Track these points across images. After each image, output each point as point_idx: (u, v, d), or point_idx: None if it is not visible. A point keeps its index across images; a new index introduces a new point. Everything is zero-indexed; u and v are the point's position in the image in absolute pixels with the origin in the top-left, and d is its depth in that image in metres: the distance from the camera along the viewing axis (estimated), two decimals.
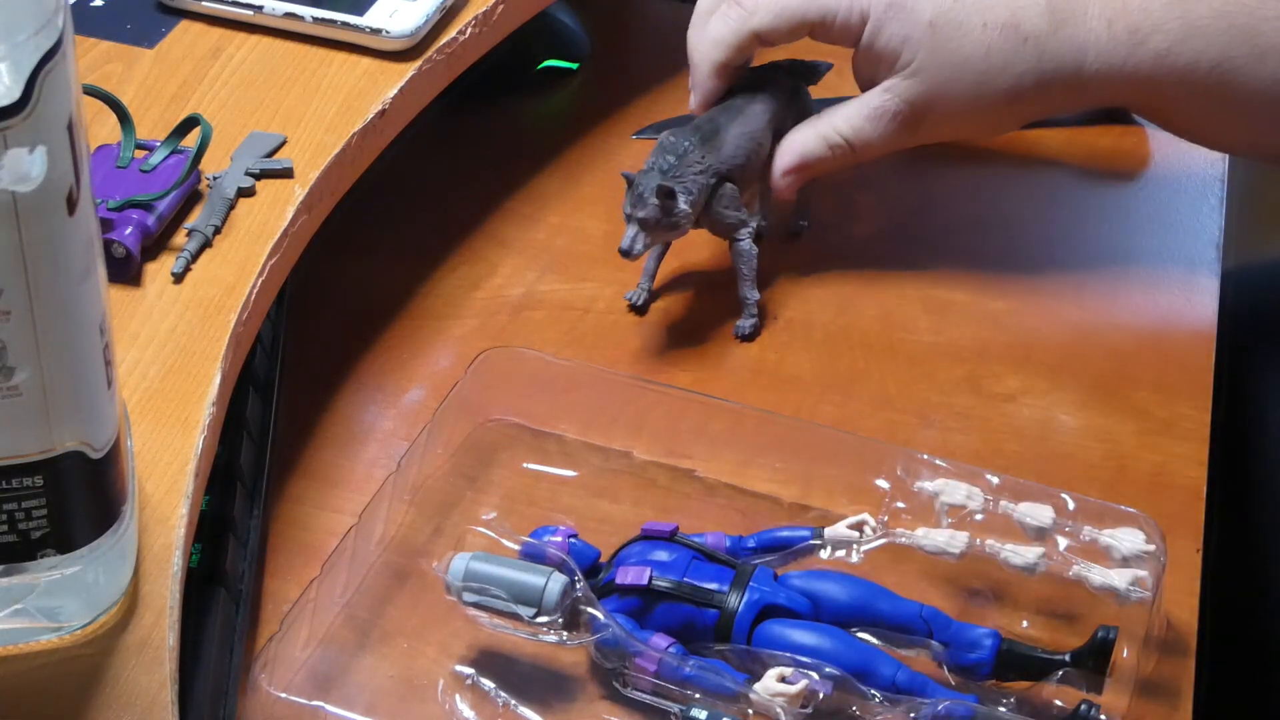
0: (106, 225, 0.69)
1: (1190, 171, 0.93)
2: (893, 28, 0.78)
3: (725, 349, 0.80)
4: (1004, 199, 0.91)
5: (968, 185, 0.92)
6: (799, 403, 0.77)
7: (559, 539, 0.65)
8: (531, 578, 0.61)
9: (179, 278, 0.70)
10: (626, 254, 0.76)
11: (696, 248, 0.81)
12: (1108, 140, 0.95)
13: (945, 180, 0.92)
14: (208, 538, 0.65)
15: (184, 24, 0.84)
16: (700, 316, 0.82)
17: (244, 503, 0.68)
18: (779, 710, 0.59)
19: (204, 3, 0.83)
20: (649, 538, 0.66)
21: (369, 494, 0.69)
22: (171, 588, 0.58)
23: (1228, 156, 0.94)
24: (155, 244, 0.71)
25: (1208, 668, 0.67)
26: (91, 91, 0.73)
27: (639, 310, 0.82)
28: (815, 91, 0.86)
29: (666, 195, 0.76)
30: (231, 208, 0.73)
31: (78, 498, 0.53)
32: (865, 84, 0.81)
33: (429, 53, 0.82)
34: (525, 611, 0.61)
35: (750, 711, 0.60)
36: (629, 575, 0.63)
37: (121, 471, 0.55)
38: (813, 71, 0.86)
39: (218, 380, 0.65)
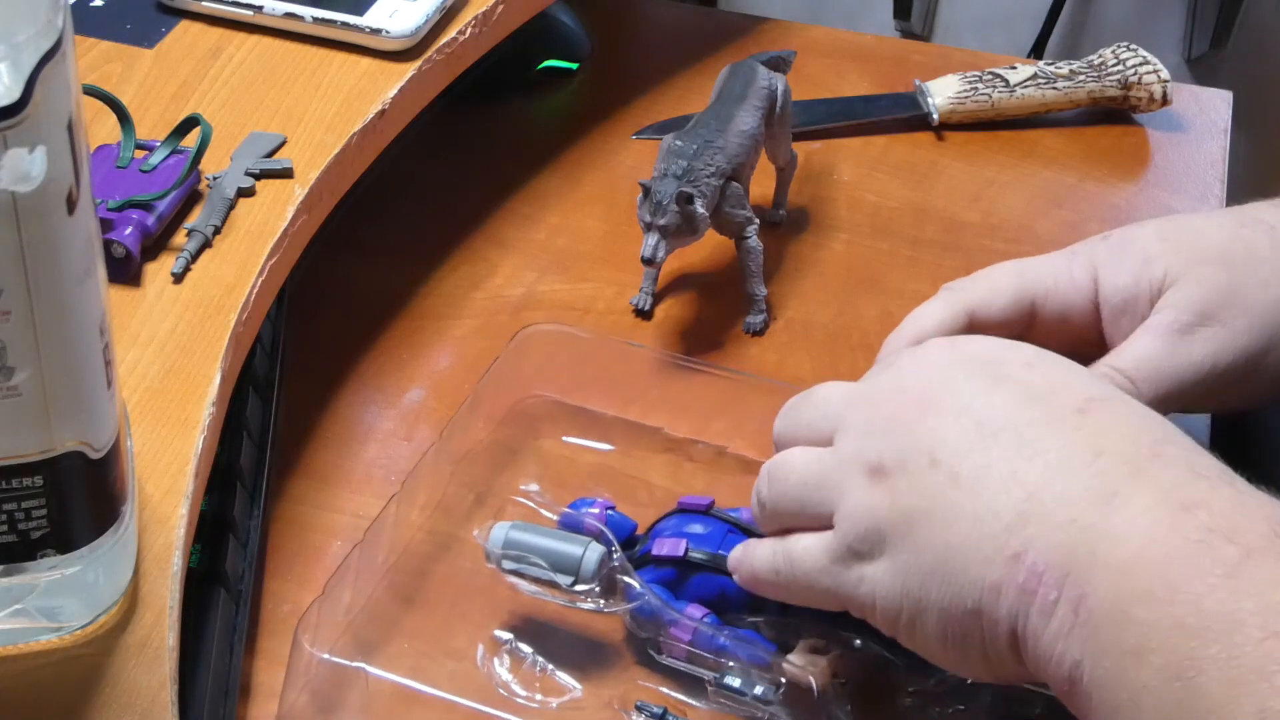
0: (106, 225, 0.69)
1: (1190, 171, 0.93)
2: (1127, 262, 0.70)
3: (725, 349, 0.80)
4: (1004, 199, 0.91)
5: (968, 185, 0.92)
6: None
7: (596, 510, 0.66)
8: (570, 547, 0.62)
9: (179, 278, 0.70)
10: (649, 262, 0.76)
11: (693, 248, 0.81)
12: (1108, 140, 0.96)
13: (945, 180, 0.92)
14: (208, 538, 0.65)
15: (184, 24, 0.84)
16: (700, 317, 0.82)
17: (244, 503, 0.68)
18: (811, 680, 0.60)
19: (204, 3, 0.83)
20: (685, 511, 0.67)
21: (369, 494, 0.69)
22: (171, 588, 0.58)
23: (1227, 157, 0.94)
24: (155, 244, 0.71)
25: None
26: (91, 91, 0.73)
27: (645, 315, 0.82)
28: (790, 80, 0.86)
29: (686, 201, 0.76)
30: (231, 208, 0.73)
31: (78, 498, 0.53)
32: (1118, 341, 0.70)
33: (429, 53, 0.82)
34: (563, 580, 0.62)
35: (783, 680, 0.60)
36: (665, 547, 0.64)
37: (121, 471, 0.55)
38: (784, 61, 0.87)
39: (218, 380, 0.65)
